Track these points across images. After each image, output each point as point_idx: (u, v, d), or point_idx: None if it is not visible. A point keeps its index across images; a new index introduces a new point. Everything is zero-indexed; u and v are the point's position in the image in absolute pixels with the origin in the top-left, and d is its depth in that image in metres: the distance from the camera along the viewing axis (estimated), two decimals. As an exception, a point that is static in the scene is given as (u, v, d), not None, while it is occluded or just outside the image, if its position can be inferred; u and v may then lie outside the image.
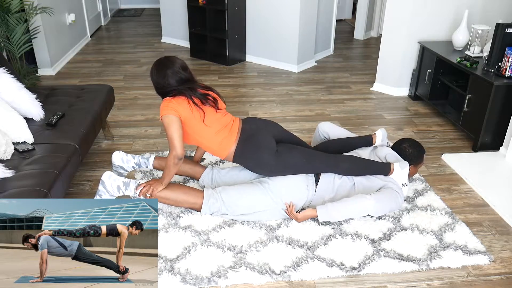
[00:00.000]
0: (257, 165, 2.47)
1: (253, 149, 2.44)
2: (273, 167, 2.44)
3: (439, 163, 3.12)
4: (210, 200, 2.42)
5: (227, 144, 2.44)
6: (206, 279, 2.03)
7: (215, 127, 2.42)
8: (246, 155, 2.45)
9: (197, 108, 2.36)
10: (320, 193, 2.47)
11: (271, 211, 2.44)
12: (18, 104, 2.63)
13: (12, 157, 2.34)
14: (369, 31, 6.61)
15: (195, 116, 2.36)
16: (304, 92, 4.43)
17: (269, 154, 2.42)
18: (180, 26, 5.88)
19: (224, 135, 2.43)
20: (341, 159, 2.53)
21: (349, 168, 2.50)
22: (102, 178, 2.44)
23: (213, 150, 2.47)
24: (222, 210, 2.42)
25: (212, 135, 2.41)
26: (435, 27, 4.09)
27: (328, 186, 2.48)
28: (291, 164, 2.44)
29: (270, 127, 2.58)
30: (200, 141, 2.46)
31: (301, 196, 2.45)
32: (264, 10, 4.98)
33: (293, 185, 2.45)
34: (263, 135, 2.47)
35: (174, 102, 2.33)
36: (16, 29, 3.93)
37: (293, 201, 2.44)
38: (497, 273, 2.14)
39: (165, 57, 2.43)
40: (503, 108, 3.13)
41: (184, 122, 2.35)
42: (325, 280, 2.07)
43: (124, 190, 2.44)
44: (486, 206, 2.65)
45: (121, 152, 2.71)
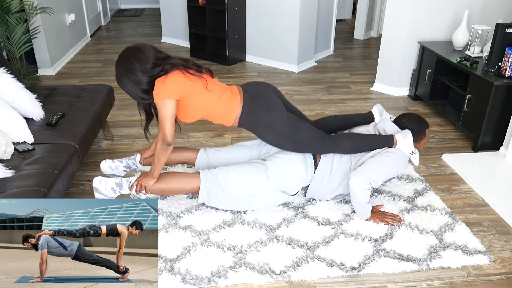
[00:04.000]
0: (267, 126, 2.34)
1: (262, 106, 2.33)
2: (284, 131, 2.33)
3: (439, 163, 3.12)
4: (207, 184, 2.36)
5: (233, 106, 2.34)
6: (206, 279, 2.03)
7: (217, 91, 2.33)
8: (255, 113, 2.33)
9: (196, 77, 2.27)
10: (319, 176, 2.44)
11: (269, 194, 2.39)
12: (18, 104, 2.63)
13: (12, 157, 2.34)
14: (369, 31, 6.61)
15: (197, 86, 2.27)
16: (304, 92, 4.43)
17: (280, 114, 2.32)
18: (180, 26, 5.88)
19: (227, 96, 2.34)
20: (341, 137, 2.46)
21: (351, 146, 2.45)
22: (94, 185, 2.36)
23: (220, 116, 2.37)
24: (219, 193, 2.36)
25: (216, 100, 2.32)
26: (435, 27, 4.09)
27: (326, 169, 2.45)
28: (300, 135, 2.35)
29: (275, 89, 2.48)
30: (205, 110, 2.35)
31: (300, 177, 2.41)
32: (264, 10, 4.98)
33: (291, 167, 2.41)
34: (270, 92, 2.38)
35: (169, 82, 2.21)
36: (16, 29, 3.93)
37: (291, 183, 2.40)
38: (497, 273, 2.14)
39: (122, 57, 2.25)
40: (503, 108, 3.13)
41: (186, 96, 2.26)
42: (325, 280, 2.07)
43: (120, 191, 2.39)
44: (486, 206, 2.65)
45: (107, 161, 2.62)
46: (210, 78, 2.36)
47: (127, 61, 2.23)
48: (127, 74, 2.23)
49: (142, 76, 2.21)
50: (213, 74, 2.40)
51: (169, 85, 2.21)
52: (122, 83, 2.27)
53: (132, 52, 2.25)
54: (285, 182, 2.40)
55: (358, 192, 2.34)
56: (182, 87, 2.23)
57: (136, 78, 2.22)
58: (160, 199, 2.59)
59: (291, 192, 2.47)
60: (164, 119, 2.21)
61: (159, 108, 2.23)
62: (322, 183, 2.48)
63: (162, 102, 2.21)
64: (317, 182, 2.47)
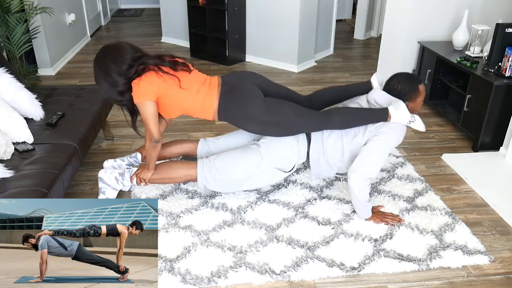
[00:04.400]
0: (245, 118, 2.33)
1: (237, 100, 2.31)
2: (263, 119, 2.31)
3: (439, 163, 3.12)
4: (204, 169, 2.40)
5: (210, 100, 2.33)
6: (206, 279, 2.03)
7: (194, 88, 2.33)
8: (231, 107, 2.32)
9: (169, 76, 2.26)
10: (314, 157, 2.43)
11: (265, 173, 2.40)
12: (18, 104, 2.63)
13: (12, 157, 2.34)
14: (369, 31, 6.61)
15: (170, 85, 2.27)
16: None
17: (256, 104, 2.29)
18: (180, 26, 5.88)
19: (204, 92, 2.34)
20: (332, 112, 2.38)
21: (342, 121, 2.36)
22: (99, 175, 2.50)
23: (199, 112, 2.38)
24: (217, 177, 2.39)
25: (193, 97, 2.32)
26: (435, 27, 4.09)
27: (318, 149, 2.43)
28: (283, 118, 2.31)
29: (254, 77, 2.46)
30: (184, 108, 2.37)
31: (292, 151, 2.40)
32: (264, 10, 4.98)
33: (282, 142, 2.41)
34: (246, 84, 2.36)
35: (143, 84, 2.22)
36: (16, 29, 3.93)
37: (284, 159, 2.39)
38: (497, 273, 2.14)
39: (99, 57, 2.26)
40: (503, 108, 3.13)
41: (162, 96, 2.28)
42: (325, 280, 2.07)
43: (122, 181, 2.49)
44: (486, 206, 2.65)
45: (109, 161, 2.68)
46: (186, 74, 2.34)
47: (103, 61, 2.25)
48: (103, 75, 2.25)
49: (118, 78, 2.23)
50: (190, 67, 2.38)
51: (144, 87, 2.23)
52: (99, 84, 2.30)
53: (109, 52, 2.26)
54: (279, 158, 2.40)
55: (357, 191, 2.34)
56: (157, 88, 2.25)
57: (112, 80, 2.24)
58: (160, 199, 2.59)
59: (287, 168, 2.46)
60: (147, 119, 2.27)
61: (139, 109, 2.28)
62: (319, 163, 2.46)
63: (141, 103, 2.25)
64: (315, 162, 2.45)
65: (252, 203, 2.56)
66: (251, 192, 2.66)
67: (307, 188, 2.72)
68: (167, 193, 2.65)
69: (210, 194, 2.65)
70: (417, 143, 3.40)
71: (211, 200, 2.60)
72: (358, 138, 2.41)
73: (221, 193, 2.64)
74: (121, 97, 2.30)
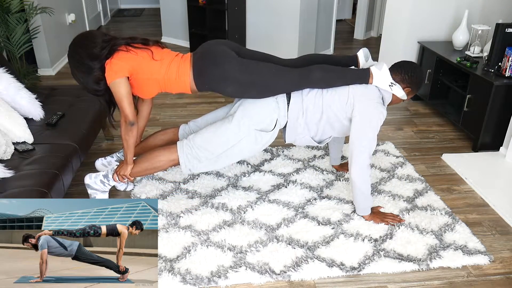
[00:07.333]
0: (222, 79, 2.26)
1: (210, 61, 2.26)
2: (240, 78, 2.24)
3: (439, 163, 3.12)
4: (184, 150, 2.35)
5: (184, 70, 2.30)
6: (206, 279, 2.03)
7: (167, 59, 2.31)
8: (205, 70, 2.28)
9: (141, 50, 2.27)
10: (293, 115, 2.35)
11: (248, 138, 2.33)
12: (18, 104, 2.63)
13: (12, 157, 2.34)
14: (369, 31, 6.61)
15: (143, 57, 2.26)
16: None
17: (229, 62, 2.24)
18: (180, 26, 5.88)
19: (178, 61, 2.32)
20: (312, 69, 2.30)
21: (322, 78, 2.29)
22: (86, 182, 2.50)
23: (175, 83, 2.32)
24: (200, 156, 2.34)
25: (166, 67, 2.29)
26: (435, 27, 4.09)
27: (297, 107, 2.35)
28: (260, 76, 2.25)
29: (226, 42, 2.42)
30: (158, 80, 2.31)
31: (270, 107, 2.32)
32: (264, 10, 4.98)
33: (261, 102, 2.33)
34: (217, 46, 2.33)
35: (115, 61, 2.22)
36: (16, 29, 3.93)
37: (264, 118, 2.32)
38: (497, 273, 2.14)
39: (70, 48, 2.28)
40: (503, 108, 3.13)
41: (135, 70, 2.26)
42: (325, 280, 2.07)
43: (108, 182, 2.49)
44: (486, 206, 2.65)
45: (99, 159, 2.71)
46: (159, 49, 2.35)
47: (75, 51, 2.26)
48: (77, 64, 2.26)
49: (91, 62, 2.24)
50: (162, 45, 2.39)
51: (116, 64, 2.23)
52: (75, 75, 2.31)
53: (78, 40, 2.28)
54: (257, 118, 2.32)
55: (360, 183, 2.32)
56: (129, 63, 2.25)
57: (86, 67, 2.25)
58: (160, 199, 2.59)
59: (268, 128, 2.36)
60: (120, 100, 2.25)
61: (113, 90, 2.26)
62: (297, 123, 2.37)
63: (114, 83, 2.23)
64: (293, 122, 2.37)
65: (252, 203, 2.56)
66: (251, 192, 2.66)
67: (307, 188, 2.73)
68: (167, 193, 2.66)
69: (210, 194, 2.65)
70: (417, 143, 3.40)
71: (211, 200, 2.60)
72: (338, 97, 2.32)
73: (221, 193, 2.65)
74: (97, 86, 2.29)
